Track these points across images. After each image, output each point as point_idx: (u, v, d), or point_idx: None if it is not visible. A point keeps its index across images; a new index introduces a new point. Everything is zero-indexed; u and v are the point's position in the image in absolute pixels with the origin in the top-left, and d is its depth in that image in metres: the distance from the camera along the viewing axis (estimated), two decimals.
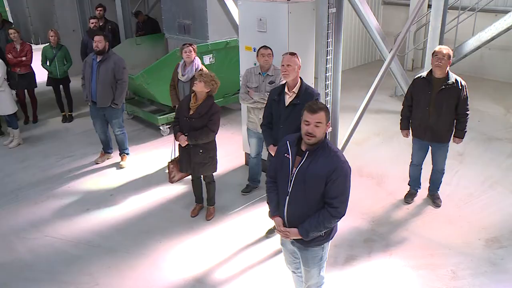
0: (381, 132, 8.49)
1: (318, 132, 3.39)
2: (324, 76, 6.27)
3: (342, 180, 3.41)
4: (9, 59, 8.79)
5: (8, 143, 8.52)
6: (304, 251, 3.80)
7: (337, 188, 3.42)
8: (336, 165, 3.39)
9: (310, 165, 3.44)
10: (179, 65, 6.79)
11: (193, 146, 5.48)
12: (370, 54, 13.53)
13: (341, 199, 3.45)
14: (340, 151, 3.54)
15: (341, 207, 3.46)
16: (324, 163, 3.40)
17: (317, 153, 3.44)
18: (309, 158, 3.46)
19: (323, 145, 3.45)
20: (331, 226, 3.56)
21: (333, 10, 6.04)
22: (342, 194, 3.44)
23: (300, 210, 3.55)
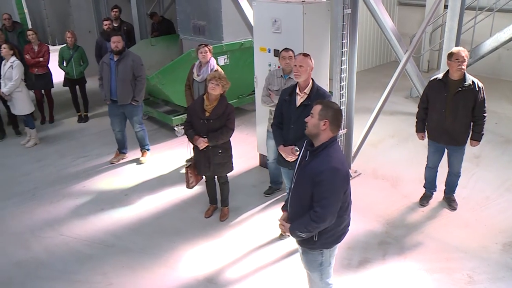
0: (396, 133, 8.42)
1: (309, 122, 3.44)
2: (339, 77, 6.24)
3: (326, 185, 3.32)
4: (27, 60, 8.91)
5: (25, 142, 8.62)
6: (304, 254, 3.80)
7: (319, 191, 3.35)
8: (323, 168, 3.34)
9: (308, 165, 3.46)
10: (195, 66, 6.82)
11: (212, 147, 5.48)
12: (385, 55, 13.45)
13: (322, 204, 3.35)
14: (338, 156, 3.46)
15: (321, 212, 3.35)
16: (316, 164, 3.39)
17: (318, 154, 3.43)
18: (310, 158, 3.47)
19: (326, 147, 3.42)
20: (312, 230, 3.45)
21: (348, 11, 6.02)
22: (324, 198, 3.35)
23: (296, 208, 3.59)
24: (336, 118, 3.45)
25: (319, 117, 3.41)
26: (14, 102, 8.21)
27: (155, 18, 11.58)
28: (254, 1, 6.58)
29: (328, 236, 3.58)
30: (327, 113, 3.40)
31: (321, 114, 3.41)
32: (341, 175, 3.37)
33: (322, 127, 3.41)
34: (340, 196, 3.40)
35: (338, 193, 3.39)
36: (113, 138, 8.09)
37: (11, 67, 7.93)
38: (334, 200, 3.37)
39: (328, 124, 3.40)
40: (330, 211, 3.37)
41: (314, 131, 3.44)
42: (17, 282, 5.06)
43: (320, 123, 3.40)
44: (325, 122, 3.40)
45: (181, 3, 9.58)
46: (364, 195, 6.35)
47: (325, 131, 3.42)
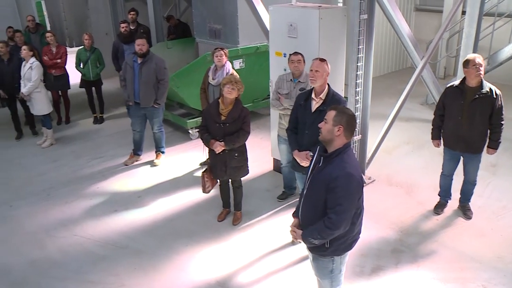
0: (411, 140, 8.35)
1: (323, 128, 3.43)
2: (355, 82, 6.22)
3: (340, 191, 3.31)
4: (45, 61, 9.03)
5: (42, 142, 8.72)
6: (315, 260, 3.79)
7: (334, 197, 3.33)
8: (338, 174, 3.32)
9: (322, 171, 3.44)
10: (210, 69, 6.85)
11: (229, 151, 5.49)
12: (401, 61, 13.36)
13: (337, 210, 3.33)
14: (353, 162, 3.44)
15: (336, 219, 3.33)
16: (330, 170, 3.37)
17: (332, 160, 3.41)
18: (324, 164, 3.45)
19: (340, 153, 3.41)
20: (325, 236, 3.44)
21: (365, 16, 6.00)
22: (338, 205, 3.33)
23: (309, 214, 3.57)
24: (351, 124, 3.43)
25: (333, 122, 3.40)
26: (33, 102, 8.32)
27: (171, 21, 11.65)
28: (270, 6, 6.59)
29: (340, 243, 3.56)
30: (342, 119, 3.39)
31: (335, 120, 3.40)
32: (356, 181, 3.35)
33: (336, 133, 3.39)
34: (354, 203, 3.38)
35: (353, 200, 3.36)
36: (128, 139, 8.16)
37: (31, 68, 8.05)
38: (348, 206, 3.35)
39: (343, 130, 3.38)
40: (345, 218, 3.35)
41: (328, 137, 3.43)
42: (31, 281, 5.11)
43: (334, 129, 3.39)
44: (339, 128, 3.38)
45: (197, 6, 9.62)
46: (378, 201, 6.31)
47: (339, 137, 3.40)
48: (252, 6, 7.18)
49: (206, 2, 9.29)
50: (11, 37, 9.87)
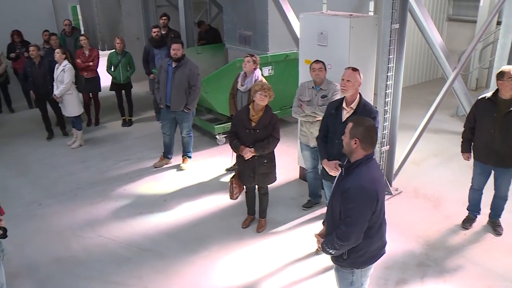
0: (440, 152, 8.21)
1: (343, 141, 3.44)
2: (384, 92, 6.16)
3: (351, 203, 3.29)
4: (77, 64, 9.22)
5: (71, 143, 8.88)
6: (336, 270, 3.78)
7: (345, 209, 3.33)
8: (350, 185, 3.31)
9: (341, 182, 3.44)
10: (240, 75, 6.87)
11: (258, 157, 5.50)
12: (432, 72, 13.17)
13: (346, 222, 3.32)
14: (371, 175, 3.38)
15: (345, 230, 3.32)
16: (347, 181, 3.37)
17: (352, 171, 3.39)
18: (345, 175, 3.45)
19: (360, 165, 3.38)
20: (338, 247, 3.42)
21: (396, 26, 5.94)
22: (348, 216, 3.31)
23: (329, 223, 3.60)
24: (368, 135, 3.37)
25: (350, 136, 3.39)
26: (64, 104, 8.50)
27: (202, 26, 11.74)
28: (301, 13, 6.58)
29: (358, 256, 3.52)
30: (357, 132, 3.36)
31: (351, 132, 3.38)
32: (368, 195, 3.30)
33: (353, 145, 3.37)
34: (366, 216, 3.33)
35: (364, 213, 3.31)
36: (155, 143, 8.24)
37: (63, 70, 8.25)
38: (358, 219, 3.31)
39: (359, 142, 3.35)
40: (354, 230, 3.32)
41: (348, 150, 3.43)
42: (56, 278, 5.20)
43: (351, 142, 3.37)
44: (355, 140, 3.35)
45: (228, 13, 9.68)
46: (404, 214, 6.20)
47: (357, 149, 3.37)
48: (283, 13, 7.18)
49: (237, 9, 9.34)
50: (47, 40, 10.13)
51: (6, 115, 10.96)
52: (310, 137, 5.95)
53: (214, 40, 11.33)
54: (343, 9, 7.35)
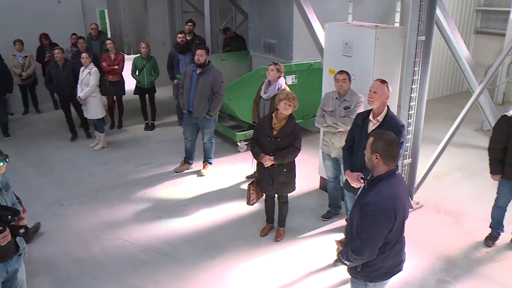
0: (463, 167, 8.08)
1: (365, 155, 3.41)
2: (408, 105, 6.09)
3: (367, 218, 3.27)
4: (103, 67, 9.36)
5: (94, 145, 8.99)
6: (351, 281, 3.78)
7: (362, 223, 3.32)
8: (368, 200, 3.29)
9: (363, 195, 3.42)
10: (264, 83, 6.88)
11: (277, 165, 5.49)
12: (457, 85, 13.00)
13: (361, 237, 3.31)
14: (391, 191, 3.33)
15: (360, 245, 3.31)
16: (366, 195, 3.35)
17: (373, 186, 3.37)
18: (367, 189, 3.43)
19: (381, 180, 3.35)
20: (351, 260, 3.41)
21: (422, 38, 5.88)
22: (364, 231, 3.30)
23: (347, 234, 3.59)
24: (389, 150, 3.33)
25: (371, 150, 3.36)
26: (87, 106, 8.62)
27: (228, 33, 11.80)
28: (326, 23, 6.57)
29: (372, 270, 3.50)
30: (377, 146, 3.33)
31: (372, 147, 3.36)
32: (385, 211, 3.26)
33: (374, 160, 3.35)
34: (382, 233, 3.29)
35: (380, 229, 3.28)
36: (177, 148, 8.29)
37: (89, 73, 8.38)
38: (374, 235, 3.29)
39: (380, 157, 3.32)
40: (369, 246, 3.30)
41: (370, 164, 3.41)
42: (74, 278, 5.26)
43: (373, 157, 3.35)
44: (376, 155, 3.33)
45: (253, 20, 9.72)
46: (425, 228, 6.11)
47: (378, 164, 3.34)
48: (308, 22, 7.18)
49: (263, 17, 9.38)
50: (74, 43, 10.32)
51: (33, 115, 11.18)
52: (332, 147, 5.92)
53: (239, 47, 11.38)
54: (368, 20, 7.32)
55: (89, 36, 11.10)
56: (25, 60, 10.53)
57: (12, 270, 3.84)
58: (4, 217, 3.59)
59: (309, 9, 7.19)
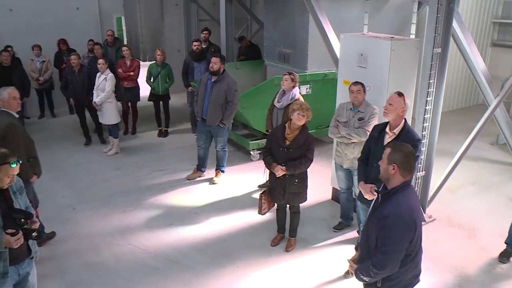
0: (477, 181, 7.99)
1: (381, 167, 3.40)
2: (423, 117, 6.05)
3: (388, 231, 3.24)
4: (119, 73, 9.45)
5: (107, 150, 9.05)
6: None
7: (382, 237, 3.28)
8: (388, 213, 3.25)
9: (378, 208, 3.39)
10: (279, 92, 6.89)
11: (289, 176, 5.47)
12: (472, 98, 12.90)
13: (383, 250, 3.27)
14: (408, 203, 3.32)
15: (382, 258, 3.26)
16: (384, 208, 3.31)
17: (389, 198, 3.34)
18: (381, 201, 3.40)
19: (397, 192, 3.33)
20: (372, 275, 3.36)
21: (438, 50, 5.85)
22: (385, 245, 3.26)
23: (363, 249, 3.55)
24: (406, 162, 3.31)
25: (388, 161, 3.34)
26: (103, 112, 8.70)
27: (243, 42, 11.84)
28: (342, 34, 6.57)
29: (393, 284, 3.45)
30: (395, 157, 3.31)
31: (389, 158, 3.33)
32: (406, 224, 3.24)
33: (391, 171, 3.32)
34: (403, 245, 3.27)
35: (401, 242, 3.25)
36: (190, 155, 8.31)
37: (105, 79, 8.47)
38: (396, 248, 3.25)
39: (397, 168, 3.29)
40: (391, 259, 3.26)
41: (385, 176, 3.38)
42: (85, 282, 5.28)
43: (389, 168, 3.32)
44: (394, 166, 3.30)
45: (269, 30, 9.75)
46: (437, 242, 6.04)
47: (395, 175, 3.32)
48: (323, 32, 7.18)
49: (278, 26, 9.40)
50: (91, 49, 10.43)
51: (48, 120, 11.30)
52: (344, 158, 5.90)
53: (254, 56, 11.41)
54: (384, 31, 7.30)
55: (105, 43, 11.22)
56: (42, 65, 10.70)
57: (24, 273, 3.87)
58: (17, 220, 3.61)
59: (324, 19, 7.20)
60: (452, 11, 5.74)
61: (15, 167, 3.59)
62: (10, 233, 3.50)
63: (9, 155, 3.58)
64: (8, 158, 3.55)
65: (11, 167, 3.56)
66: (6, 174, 3.56)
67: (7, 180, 3.59)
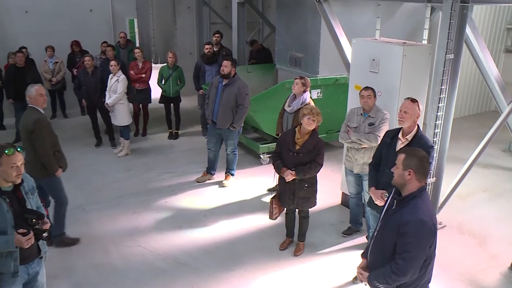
0: (489, 188, 7.91)
1: (395, 173, 3.38)
2: (434, 123, 6.01)
3: (410, 237, 3.21)
4: (131, 75, 9.50)
5: (118, 152, 9.10)
6: None
7: (403, 243, 3.24)
8: (409, 219, 3.23)
9: (394, 215, 3.36)
10: (290, 96, 6.88)
11: (299, 180, 5.46)
12: (484, 104, 12.79)
13: (404, 257, 3.24)
14: (427, 207, 3.31)
15: (403, 265, 3.24)
16: (402, 214, 3.29)
17: (405, 204, 3.32)
18: (397, 208, 3.37)
19: (414, 197, 3.31)
20: (391, 282, 3.34)
21: (451, 56, 5.80)
22: (407, 251, 3.23)
23: (377, 256, 3.51)
24: (422, 166, 3.31)
25: (403, 167, 3.33)
26: (115, 113, 8.76)
27: (255, 45, 11.86)
28: (353, 39, 6.56)
29: None
30: (411, 163, 3.30)
31: (404, 164, 3.32)
32: (427, 229, 3.23)
33: (407, 177, 3.31)
34: (424, 251, 3.25)
35: (423, 247, 3.24)
36: (199, 157, 8.31)
37: (117, 81, 8.53)
38: (417, 254, 3.23)
39: (413, 173, 3.29)
40: (412, 265, 3.23)
41: (400, 181, 3.36)
42: (93, 283, 5.31)
43: (405, 173, 3.31)
44: (410, 172, 3.29)
45: (281, 33, 9.75)
46: (447, 249, 5.99)
47: (411, 181, 3.31)
48: (335, 37, 7.17)
49: (290, 30, 9.40)
50: (104, 51, 10.52)
51: (60, 120, 11.38)
52: (355, 163, 5.88)
53: (265, 60, 11.42)
54: (396, 36, 7.27)
55: (118, 45, 11.30)
56: (55, 66, 10.80)
57: (33, 272, 3.89)
58: (29, 220, 3.64)
59: (336, 24, 7.19)
60: (466, 17, 5.69)
61: (13, 155, 3.50)
62: (21, 233, 3.53)
63: (4, 146, 3.52)
64: (3, 149, 3.48)
65: (8, 155, 3.48)
66: (8, 165, 3.50)
67: (13, 173, 3.53)
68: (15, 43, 10.71)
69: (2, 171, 3.52)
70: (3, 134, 10.12)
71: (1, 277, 3.65)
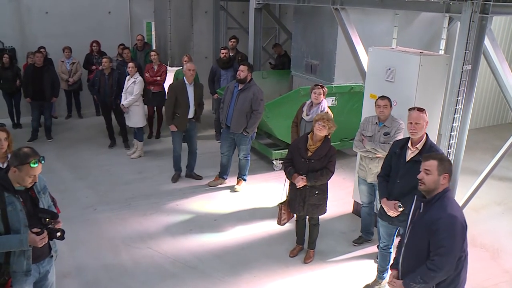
0: (503, 201, 7.81)
1: (427, 179, 3.40)
2: (449, 134, 5.95)
3: (443, 232, 3.28)
4: (146, 78, 9.55)
5: (131, 153, 9.14)
6: None
7: (437, 239, 3.31)
8: (440, 215, 3.31)
9: (423, 217, 3.42)
10: (306, 104, 6.87)
11: (310, 187, 5.44)
12: (501, 116, 12.64)
13: (439, 252, 3.29)
14: (454, 205, 3.42)
15: (439, 260, 3.29)
16: (432, 214, 3.37)
17: (433, 205, 3.39)
18: (425, 210, 3.44)
19: (440, 197, 3.39)
20: (428, 280, 3.37)
21: (468, 67, 5.75)
22: (441, 246, 3.29)
23: (411, 262, 3.54)
24: (451, 168, 3.46)
25: (438, 172, 3.40)
26: (130, 115, 8.81)
27: (277, 49, 11.85)
28: (370, 47, 6.53)
29: None
30: (445, 167, 3.42)
31: (439, 169, 3.40)
32: (459, 223, 3.31)
33: (442, 181, 3.40)
34: (459, 244, 3.32)
35: (457, 242, 3.30)
36: (212, 161, 8.32)
37: (134, 82, 8.59)
38: (452, 248, 3.29)
39: (449, 176, 3.41)
40: (448, 260, 3.29)
41: (433, 187, 3.42)
42: (102, 284, 5.32)
43: (440, 178, 3.40)
44: (445, 176, 3.40)
45: (297, 40, 9.75)
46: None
47: (445, 183, 3.41)
48: (352, 45, 7.15)
49: (307, 37, 9.40)
50: (121, 53, 10.59)
51: (75, 120, 11.49)
52: (368, 173, 5.84)
53: (283, 66, 11.41)
54: (413, 46, 7.24)
55: (135, 47, 11.39)
56: (72, 67, 10.92)
57: (44, 271, 3.91)
58: (43, 220, 3.66)
59: (353, 32, 7.17)
60: (485, 28, 5.63)
61: (36, 167, 3.54)
62: (35, 232, 3.54)
63: (31, 155, 3.53)
64: (29, 158, 3.50)
65: (31, 167, 3.51)
66: (27, 174, 3.52)
67: (29, 180, 3.56)
68: (35, 43, 10.89)
69: (19, 176, 3.53)
70: (19, 132, 10.23)
71: (14, 275, 3.67)
